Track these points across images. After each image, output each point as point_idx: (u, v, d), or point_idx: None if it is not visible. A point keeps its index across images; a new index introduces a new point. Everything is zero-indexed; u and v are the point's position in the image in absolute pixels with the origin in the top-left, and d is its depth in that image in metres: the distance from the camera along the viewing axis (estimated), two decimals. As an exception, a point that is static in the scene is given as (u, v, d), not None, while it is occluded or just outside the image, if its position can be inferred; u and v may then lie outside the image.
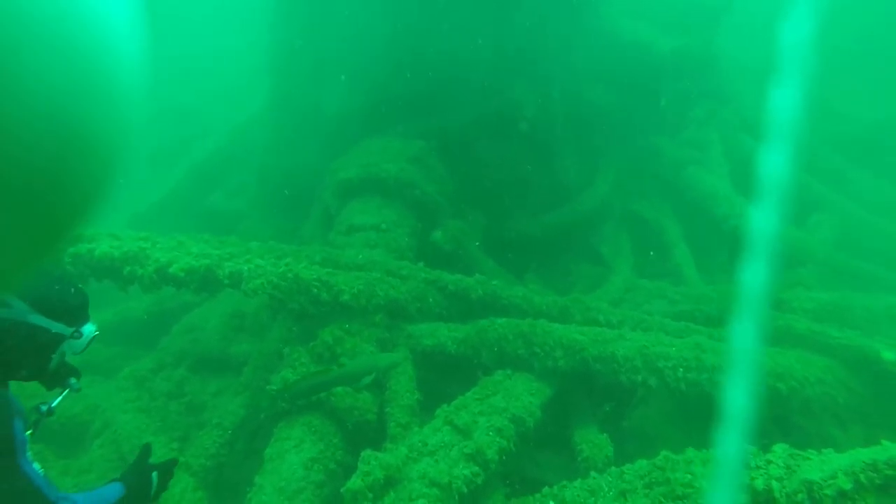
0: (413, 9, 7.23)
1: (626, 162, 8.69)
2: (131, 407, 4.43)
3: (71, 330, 2.15)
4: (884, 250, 7.39)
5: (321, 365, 4.15)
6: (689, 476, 2.76)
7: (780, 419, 4.76)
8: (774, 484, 2.39)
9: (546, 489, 3.46)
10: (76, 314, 2.18)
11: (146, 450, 2.38)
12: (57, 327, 2.11)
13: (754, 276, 0.83)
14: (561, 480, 3.52)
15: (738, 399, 0.84)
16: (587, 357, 4.43)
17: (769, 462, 2.53)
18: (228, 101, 12.52)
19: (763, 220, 0.80)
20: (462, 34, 7.30)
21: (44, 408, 2.25)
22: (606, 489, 3.14)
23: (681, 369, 4.55)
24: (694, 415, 5.13)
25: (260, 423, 4.25)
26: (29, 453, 1.91)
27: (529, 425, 4.06)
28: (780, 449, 2.59)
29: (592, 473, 3.39)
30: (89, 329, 2.21)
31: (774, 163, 0.80)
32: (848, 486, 2.16)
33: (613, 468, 3.28)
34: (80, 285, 2.29)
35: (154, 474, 2.33)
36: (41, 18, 0.53)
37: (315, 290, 4.31)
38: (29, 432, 2.01)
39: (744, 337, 0.83)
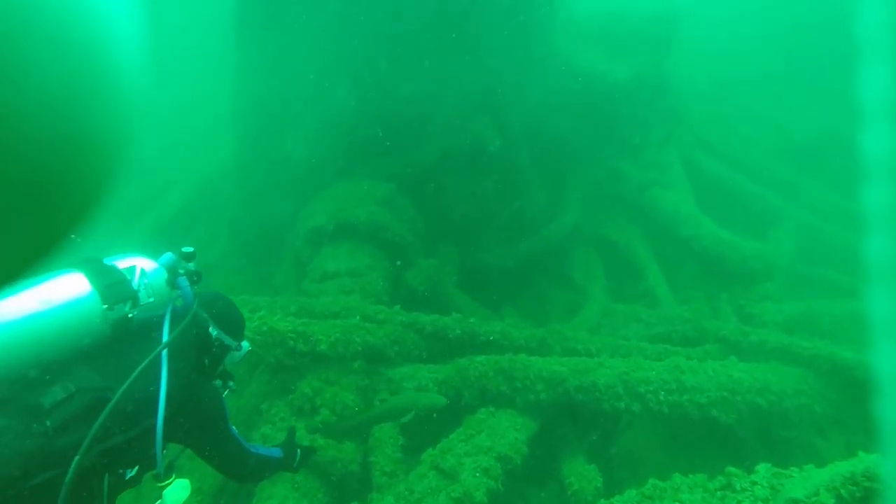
0: (376, 51, 7.38)
1: (592, 187, 8.89)
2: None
3: (235, 343, 2.62)
4: (840, 257, 7.66)
5: (301, 419, 4.07)
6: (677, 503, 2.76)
7: (763, 432, 4.82)
8: (760, 507, 2.41)
9: (538, 528, 3.41)
10: (239, 332, 2.66)
11: (293, 431, 3.02)
12: (228, 340, 2.57)
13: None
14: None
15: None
16: (569, 388, 4.44)
17: (754, 483, 2.55)
18: (194, 151, 12.44)
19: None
20: (424, 74, 7.47)
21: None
22: (598, 524, 3.12)
23: (662, 392, 4.59)
24: (680, 435, 5.17)
25: (242, 483, 4.11)
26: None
27: (516, 462, 4.02)
28: (763, 469, 2.62)
29: (583, 507, 3.36)
30: (245, 345, 2.69)
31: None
32: (830, 502, 2.19)
33: (602, 501, 3.26)
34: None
35: (298, 451, 2.92)
36: (42, 18, 0.52)
37: (291, 342, 4.25)
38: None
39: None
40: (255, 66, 8.20)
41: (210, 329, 2.48)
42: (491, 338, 4.88)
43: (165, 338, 2.20)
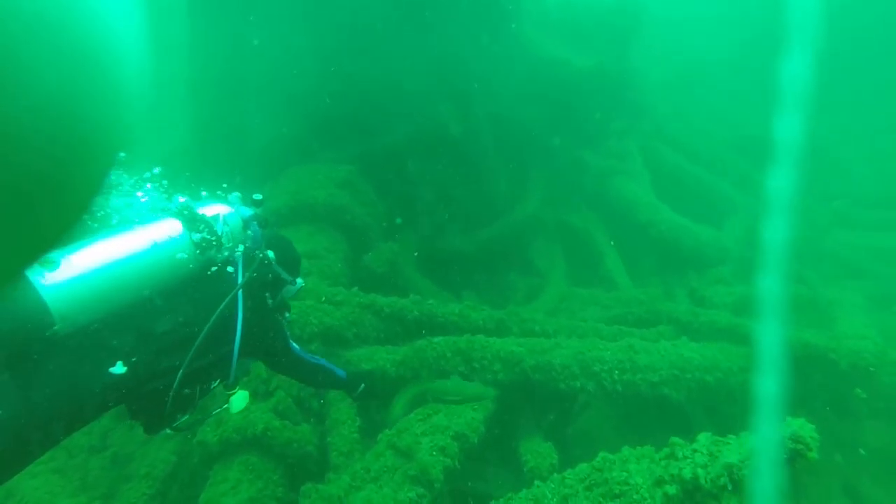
0: (339, 35, 7.27)
1: (554, 174, 8.99)
2: (43, 469, 4.09)
3: (290, 278, 2.98)
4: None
5: (256, 403, 4.01)
6: (624, 474, 2.84)
7: (711, 409, 4.99)
8: (700, 471, 2.50)
9: (492, 503, 3.46)
10: (294, 268, 3.04)
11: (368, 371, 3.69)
12: (284, 275, 2.93)
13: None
14: (508, 493, 3.53)
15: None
16: (525, 368, 4.50)
17: (695, 451, 2.64)
18: (147, 131, 12.04)
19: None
20: (388, 59, 7.40)
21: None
22: (550, 496, 3.17)
23: (616, 371, 4.69)
24: (634, 413, 5.30)
25: (194, 468, 4.04)
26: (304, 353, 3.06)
27: (473, 441, 4.06)
28: (703, 438, 2.72)
29: (536, 482, 3.42)
30: (300, 281, 3.07)
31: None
32: (763, 465, 2.29)
33: (556, 475, 3.33)
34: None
35: (363, 384, 3.44)
36: (44, 18, 0.52)
37: (246, 324, 4.18)
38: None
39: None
40: (213, 45, 7.97)
41: (273, 265, 2.83)
42: (449, 319, 4.90)
43: (240, 278, 2.56)
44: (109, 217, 2.37)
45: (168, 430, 2.55)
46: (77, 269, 2.06)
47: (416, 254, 6.82)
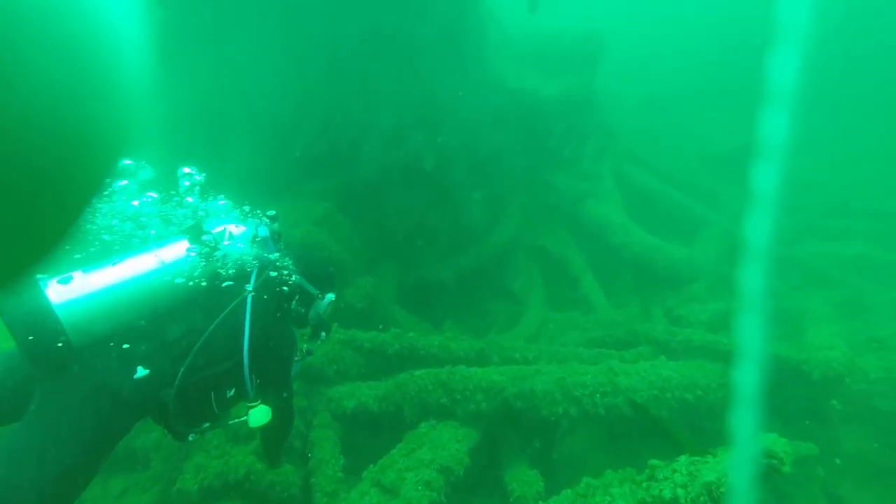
0: (315, 70, 7.38)
1: (529, 199, 9.14)
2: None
3: (318, 292, 3.08)
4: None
5: (237, 445, 3.96)
6: (608, 498, 2.87)
7: (692, 424, 5.05)
8: (680, 491, 2.54)
9: (480, 536, 3.44)
10: (322, 283, 3.11)
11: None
12: (310, 288, 3.04)
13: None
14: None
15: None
16: (507, 396, 4.52)
17: (674, 471, 2.69)
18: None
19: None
20: (362, 94, 7.52)
21: (305, 347, 3.20)
22: (536, 525, 3.18)
23: (598, 395, 4.74)
24: (619, 435, 5.33)
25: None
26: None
27: (459, 473, 4.05)
28: (682, 459, 2.77)
29: (522, 511, 3.42)
30: (329, 296, 3.12)
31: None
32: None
33: (540, 502, 3.34)
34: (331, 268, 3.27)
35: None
36: (44, 18, 0.51)
37: (224, 367, 4.14)
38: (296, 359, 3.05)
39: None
40: (190, 81, 8.03)
41: (294, 278, 2.94)
42: (430, 351, 4.92)
43: (250, 287, 2.72)
44: (132, 237, 2.63)
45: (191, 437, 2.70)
46: (90, 286, 2.32)
47: (394, 287, 6.84)
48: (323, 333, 3.21)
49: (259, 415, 2.74)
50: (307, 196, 6.87)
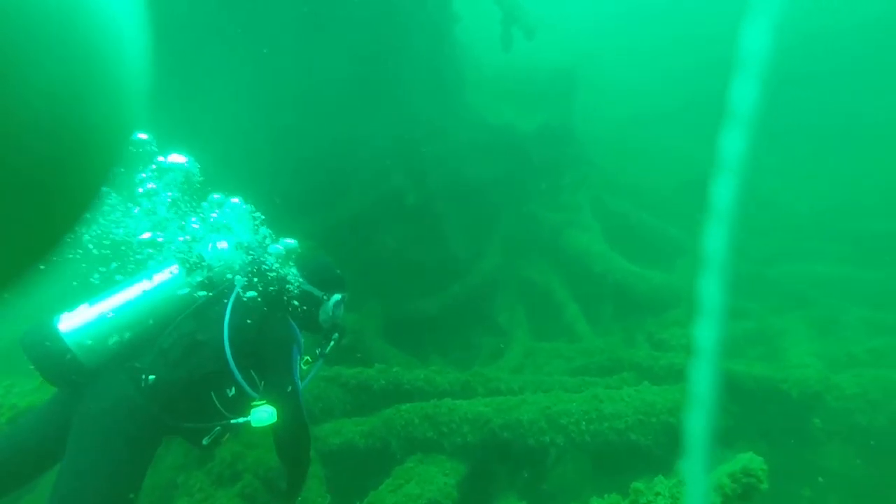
0: (293, 111, 7.53)
1: (510, 233, 9.29)
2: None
3: (321, 293, 3.24)
4: (739, 284, 8.38)
5: (222, 488, 3.92)
6: (592, 525, 2.89)
7: (677, 448, 5.08)
8: (661, 515, 2.58)
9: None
10: (327, 285, 3.27)
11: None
12: (314, 290, 3.22)
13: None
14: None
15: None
16: (494, 427, 4.54)
17: (657, 494, 2.73)
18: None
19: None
20: (343, 135, 7.68)
21: (317, 350, 3.34)
22: (524, 556, 3.18)
23: (583, 422, 4.78)
24: (606, 462, 5.34)
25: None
26: (298, 369, 2.99)
27: (447, 507, 4.03)
28: (663, 480, 2.82)
29: (510, 543, 3.42)
30: (336, 296, 3.27)
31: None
32: (718, 500, 2.40)
33: (528, 533, 3.34)
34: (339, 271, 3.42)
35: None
36: (44, 17, 0.51)
37: (209, 408, 4.12)
38: (307, 358, 3.22)
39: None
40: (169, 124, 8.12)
41: (298, 279, 3.15)
42: (416, 385, 4.94)
43: (232, 296, 2.95)
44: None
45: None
46: (93, 313, 2.70)
47: (380, 322, 6.86)
48: (336, 335, 3.32)
49: (262, 415, 2.79)
50: (290, 235, 6.93)
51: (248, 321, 2.91)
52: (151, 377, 2.70)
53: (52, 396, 2.82)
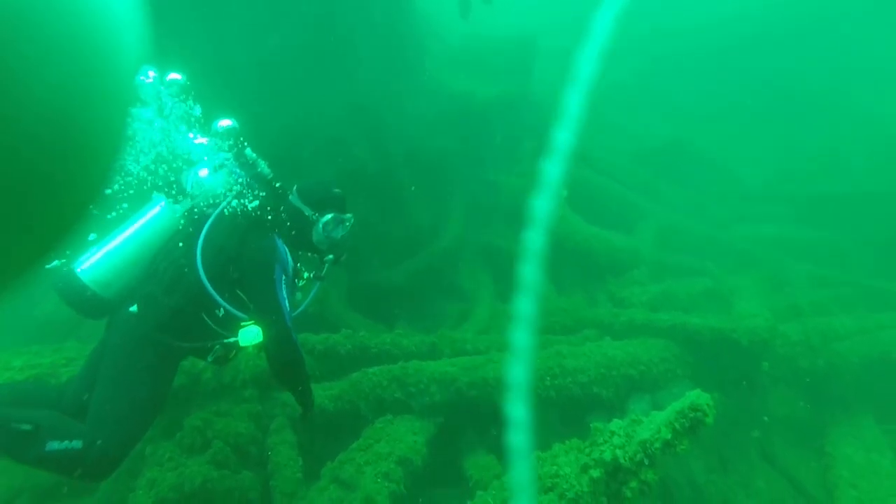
0: (252, 83, 7.33)
1: (472, 200, 9.34)
2: None
3: (311, 213, 3.25)
4: (695, 245, 8.75)
5: (192, 456, 3.92)
6: (554, 468, 3.03)
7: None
8: (618, 452, 2.72)
9: (440, 521, 3.54)
10: (319, 204, 3.27)
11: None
12: (306, 210, 3.25)
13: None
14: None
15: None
16: (460, 386, 4.65)
17: (612, 434, 2.88)
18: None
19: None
20: (302, 105, 7.53)
21: (313, 272, 3.43)
22: (492, 502, 3.31)
23: (548, 378, 4.94)
24: (570, 416, 5.55)
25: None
26: (285, 290, 3.03)
27: (417, 464, 4.14)
28: (617, 421, 2.96)
29: (478, 492, 3.55)
30: (327, 216, 3.25)
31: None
32: (668, 435, 2.55)
33: (496, 481, 3.47)
34: (336, 190, 3.41)
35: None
36: (44, 17, 0.51)
37: (173, 379, 4.08)
38: (306, 277, 3.43)
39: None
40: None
41: (289, 198, 3.25)
42: (382, 349, 4.99)
43: (210, 220, 3.11)
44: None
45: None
46: (101, 252, 3.03)
47: (344, 292, 6.86)
48: (330, 256, 3.33)
49: (248, 334, 2.93)
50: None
51: (228, 243, 3.06)
52: (149, 303, 2.99)
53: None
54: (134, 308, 3.00)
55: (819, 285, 7.67)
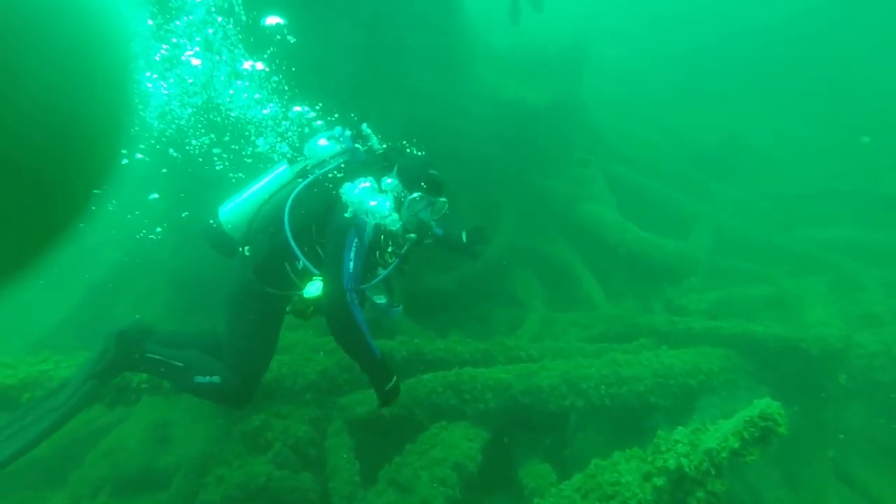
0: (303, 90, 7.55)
1: (524, 207, 9.31)
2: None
3: (402, 190, 3.39)
4: (751, 248, 8.39)
5: (255, 455, 4.06)
6: (615, 475, 2.98)
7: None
8: (683, 461, 2.65)
9: (497, 526, 3.53)
10: (413, 184, 3.37)
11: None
12: (400, 186, 3.37)
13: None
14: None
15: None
16: (515, 393, 4.63)
17: (676, 442, 2.80)
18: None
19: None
20: (352, 106, 7.70)
21: (392, 248, 3.51)
22: (550, 509, 3.28)
23: (602, 386, 4.86)
24: (627, 427, 5.43)
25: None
26: (353, 253, 3.18)
27: (472, 470, 4.14)
28: (682, 430, 2.88)
29: (535, 500, 3.52)
30: (413, 195, 3.35)
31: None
32: (736, 444, 2.46)
33: (553, 489, 3.44)
34: (432, 171, 3.52)
35: (394, 380, 3.58)
36: (44, 17, 0.52)
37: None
38: (390, 250, 3.50)
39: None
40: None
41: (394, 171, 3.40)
42: (437, 355, 5.03)
43: (304, 183, 3.46)
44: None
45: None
46: (235, 203, 3.54)
47: (400, 299, 6.94)
48: (412, 235, 3.37)
49: (311, 287, 3.14)
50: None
51: (318, 205, 3.37)
52: (252, 247, 3.44)
53: None
54: (247, 250, 3.43)
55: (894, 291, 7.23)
